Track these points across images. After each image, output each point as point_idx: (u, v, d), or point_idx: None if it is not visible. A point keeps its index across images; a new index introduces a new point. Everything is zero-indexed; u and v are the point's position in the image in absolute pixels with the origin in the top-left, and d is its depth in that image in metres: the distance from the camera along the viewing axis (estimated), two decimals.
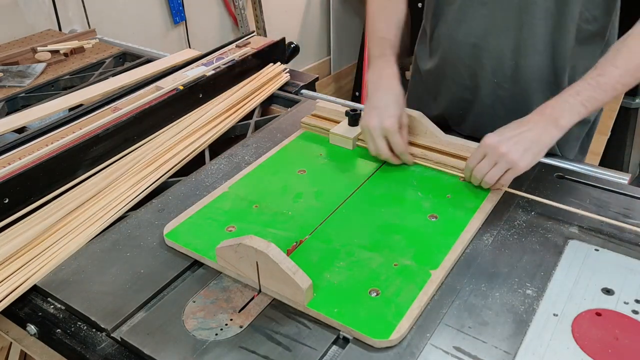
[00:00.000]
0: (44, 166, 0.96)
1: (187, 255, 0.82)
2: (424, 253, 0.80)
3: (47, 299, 0.78)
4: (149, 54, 1.55)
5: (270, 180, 0.97)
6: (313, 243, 0.83)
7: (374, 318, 0.70)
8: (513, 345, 0.66)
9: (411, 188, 0.94)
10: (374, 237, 0.84)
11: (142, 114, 1.12)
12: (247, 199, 0.92)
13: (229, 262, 0.77)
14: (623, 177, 0.95)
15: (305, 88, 1.35)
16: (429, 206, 0.89)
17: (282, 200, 0.92)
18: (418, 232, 0.84)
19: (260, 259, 0.72)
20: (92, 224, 0.89)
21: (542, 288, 0.74)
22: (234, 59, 1.34)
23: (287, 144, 1.08)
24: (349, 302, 0.72)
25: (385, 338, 0.67)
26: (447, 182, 0.95)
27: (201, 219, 0.88)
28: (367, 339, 0.68)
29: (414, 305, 0.71)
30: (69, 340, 0.73)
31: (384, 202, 0.91)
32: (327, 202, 0.91)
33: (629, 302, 0.70)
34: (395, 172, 0.99)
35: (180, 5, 2.51)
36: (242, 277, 0.77)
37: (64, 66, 1.50)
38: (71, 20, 2.11)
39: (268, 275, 0.73)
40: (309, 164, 1.02)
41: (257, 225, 0.86)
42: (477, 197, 0.90)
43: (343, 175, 0.99)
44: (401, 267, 0.78)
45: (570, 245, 0.81)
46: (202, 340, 0.69)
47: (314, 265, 0.77)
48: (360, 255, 0.80)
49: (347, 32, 3.44)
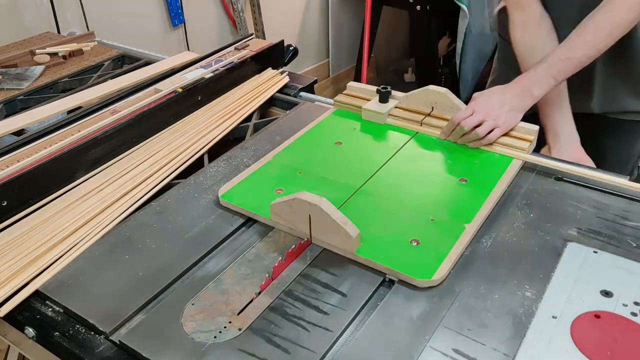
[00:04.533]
0: (42, 169, 0.96)
1: (241, 213, 0.90)
2: (457, 210, 0.88)
3: (46, 302, 0.78)
4: (147, 57, 1.55)
5: (310, 151, 1.06)
6: (355, 203, 0.90)
7: (417, 262, 0.77)
8: (512, 347, 0.66)
9: (441, 156, 1.03)
10: (410, 197, 0.92)
11: (141, 116, 1.12)
12: (291, 166, 1.01)
13: (282, 216, 0.85)
14: (622, 179, 0.95)
15: (304, 90, 1.35)
16: (459, 171, 0.98)
17: (323, 167, 1.00)
18: (450, 192, 0.93)
19: (313, 212, 0.80)
20: (93, 228, 0.89)
21: (541, 290, 0.74)
22: (232, 61, 1.34)
23: (322, 120, 1.16)
24: (392, 249, 0.80)
25: (428, 278, 0.75)
26: (474, 150, 1.03)
27: (251, 183, 0.97)
28: (412, 279, 0.75)
29: (452, 252, 0.79)
30: (67, 343, 0.72)
31: (417, 168, 1.00)
32: (364, 169, 0.99)
33: (628, 304, 0.70)
34: (425, 143, 1.07)
35: (179, 7, 2.51)
36: (294, 230, 0.85)
37: (62, 69, 1.50)
38: (70, 23, 2.11)
39: (320, 226, 0.81)
40: (344, 136, 1.10)
41: (303, 188, 0.90)
42: (502, 164, 0.98)
43: (377, 146, 1.09)
44: (437, 221, 0.85)
45: (569, 248, 0.81)
46: (200, 342, 0.69)
47: (357, 220, 0.81)
48: (399, 213, 0.88)
49: (345, 35, 3.45)
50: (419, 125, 1.10)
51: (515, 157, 1.00)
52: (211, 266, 0.81)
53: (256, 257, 0.82)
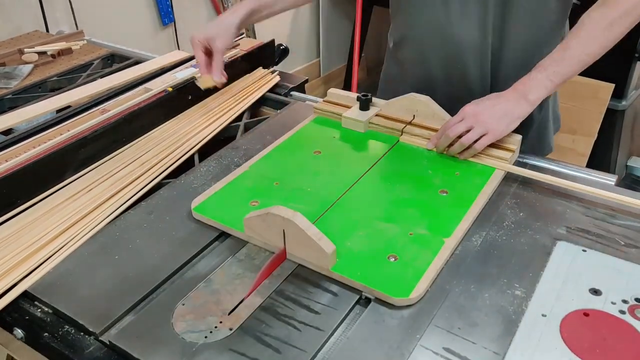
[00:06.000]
0: (31, 169, 0.95)
1: (214, 227, 0.87)
2: (436, 223, 0.85)
3: (35, 303, 0.77)
4: (137, 56, 1.54)
5: (288, 160, 1.03)
6: (332, 216, 0.88)
7: (394, 280, 0.75)
8: (502, 345, 0.67)
9: (422, 166, 1.00)
10: (389, 210, 0.89)
11: (131, 115, 1.11)
12: (267, 176, 0.98)
13: (256, 231, 0.82)
14: (610, 179, 0.96)
15: (295, 90, 1.35)
16: (439, 182, 0.95)
17: (301, 177, 0.97)
18: (430, 205, 0.90)
19: (287, 227, 0.77)
20: (82, 228, 0.88)
21: (530, 289, 0.74)
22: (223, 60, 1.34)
23: (301, 128, 1.13)
24: (369, 266, 0.77)
25: (405, 297, 0.72)
26: (455, 161, 1.00)
27: (226, 195, 0.93)
28: (388, 298, 0.73)
29: (430, 268, 0.77)
30: (56, 344, 0.72)
31: (397, 179, 0.97)
32: (342, 179, 0.96)
33: (616, 302, 0.71)
34: (406, 153, 1.04)
35: (169, 6, 2.50)
36: (269, 245, 0.82)
37: (51, 68, 1.48)
38: (59, 22, 2.10)
39: (294, 242, 0.78)
40: (324, 145, 1.07)
41: (279, 200, 0.90)
42: (483, 175, 0.96)
43: (357, 155, 1.06)
44: (416, 235, 0.83)
45: (558, 246, 0.81)
46: (191, 342, 0.68)
47: (334, 235, 0.79)
48: (377, 226, 0.85)
49: (336, 34, 3.45)
50: (400, 134, 1.07)
51: (498, 168, 0.97)
52: (202, 266, 0.81)
53: (247, 256, 0.82)
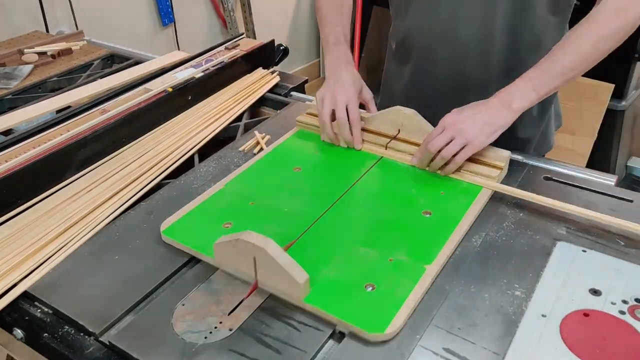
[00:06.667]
0: (31, 169, 0.95)
1: (184, 251, 0.82)
2: (418, 248, 0.81)
3: (35, 303, 0.77)
4: (137, 56, 1.55)
5: (266, 178, 0.98)
6: (309, 239, 0.83)
7: (370, 312, 0.70)
8: (502, 346, 0.67)
9: (405, 185, 0.95)
10: (369, 233, 0.85)
11: (131, 116, 1.11)
12: (243, 195, 0.93)
13: (226, 257, 0.77)
14: (610, 179, 0.96)
15: (295, 90, 1.35)
16: (423, 202, 0.90)
17: (278, 197, 0.92)
18: (412, 227, 0.85)
19: (258, 254, 0.72)
20: (82, 228, 0.88)
21: (530, 289, 0.74)
22: (223, 61, 1.34)
23: (283, 142, 1.08)
24: (345, 296, 0.73)
25: (380, 332, 0.68)
26: (441, 179, 0.95)
27: (198, 216, 0.88)
28: (362, 332, 0.68)
29: (409, 299, 0.72)
30: (56, 345, 0.72)
31: (379, 199, 0.93)
32: (322, 198, 0.91)
33: (616, 303, 0.71)
34: (389, 170, 1.00)
35: (169, 6, 2.50)
36: (239, 273, 0.77)
37: (51, 68, 1.48)
38: (59, 22, 2.10)
39: (265, 270, 0.73)
40: (304, 161, 1.02)
41: (254, 221, 0.86)
42: (470, 194, 0.91)
43: (338, 172, 1.00)
44: (396, 262, 0.78)
45: (558, 247, 0.81)
46: (191, 343, 0.68)
47: (310, 261, 0.76)
48: (356, 251, 0.81)
49: None
50: (384, 149, 1.03)
51: (485, 187, 0.92)
52: (201, 267, 0.81)
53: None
